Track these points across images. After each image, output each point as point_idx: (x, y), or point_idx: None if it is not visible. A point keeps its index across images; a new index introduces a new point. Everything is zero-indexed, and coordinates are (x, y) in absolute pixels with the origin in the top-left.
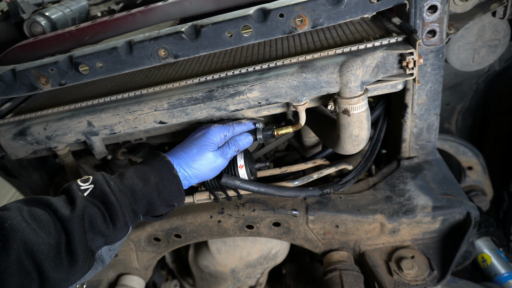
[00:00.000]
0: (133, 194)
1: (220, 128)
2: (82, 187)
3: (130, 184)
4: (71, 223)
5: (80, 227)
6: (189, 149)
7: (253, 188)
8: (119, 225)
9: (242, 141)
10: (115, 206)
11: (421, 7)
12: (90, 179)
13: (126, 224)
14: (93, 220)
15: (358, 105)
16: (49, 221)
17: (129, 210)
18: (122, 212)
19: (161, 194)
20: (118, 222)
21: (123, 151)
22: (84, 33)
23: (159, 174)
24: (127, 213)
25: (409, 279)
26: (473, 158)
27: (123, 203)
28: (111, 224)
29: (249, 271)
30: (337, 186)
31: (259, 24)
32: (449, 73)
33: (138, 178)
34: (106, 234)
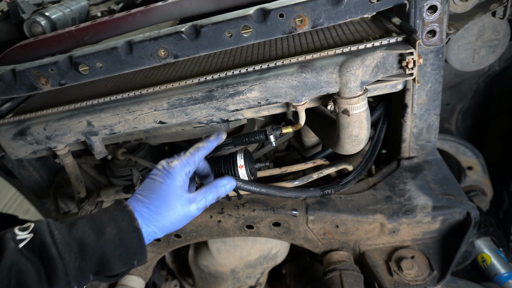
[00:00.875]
0: (82, 248)
1: (181, 165)
2: (19, 236)
3: (79, 236)
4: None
5: (2, 286)
6: (151, 201)
7: (254, 189)
8: (58, 285)
9: (223, 187)
10: (55, 261)
11: (421, 7)
12: (30, 227)
13: (68, 284)
14: (22, 279)
15: (357, 105)
16: None
17: (73, 267)
18: (63, 270)
19: (117, 249)
20: (56, 281)
21: (123, 151)
22: (84, 33)
23: (117, 226)
24: (70, 271)
25: (409, 279)
26: (473, 158)
27: (66, 259)
28: (47, 283)
29: (249, 271)
30: (337, 187)
31: (259, 24)
32: (449, 73)
33: (91, 229)
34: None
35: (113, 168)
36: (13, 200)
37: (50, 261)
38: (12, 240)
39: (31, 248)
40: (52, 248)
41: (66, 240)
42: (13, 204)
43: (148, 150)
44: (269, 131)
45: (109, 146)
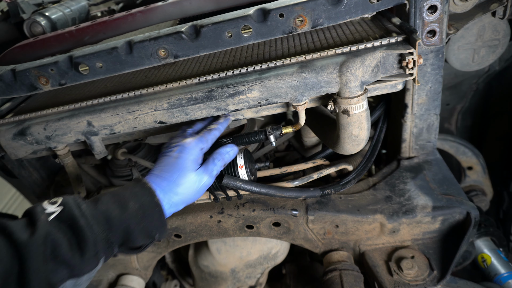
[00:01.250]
0: (108, 221)
1: (196, 142)
2: (48, 210)
3: (105, 209)
4: (28, 249)
5: (39, 254)
6: (169, 174)
7: (254, 189)
8: (88, 254)
9: (228, 154)
10: (84, 231)
11: (421, 7)
12: (58, 201)
13: (96, 255)
14: (56, 248)
15: (357, 105)
16: (0, 246)
17: (101, 238)
18: (92, 240)
19: (140, 222)
20: (87, 250)
21: (123, 151)
22: (84, 33)
23: (139, 201)
24: (99, 242)
25: (409, 279)
26: (473, 158)
27: (95, 229)
28: (79, 252)
29: (249, 271)
30: (338, 187)
31: (259, 24)
32: (449, 73)
33: (115, 203)
34: (71, 264)
35: (113, 168)
36: (13, 200)
37: (80, 231)
38: (42, 213)
39: (61, 220)
40: (81, 219)
41: (93, 213)
42: (13, 204)
43: (148, 150)
44: (269, 131)
45: (109, 146)
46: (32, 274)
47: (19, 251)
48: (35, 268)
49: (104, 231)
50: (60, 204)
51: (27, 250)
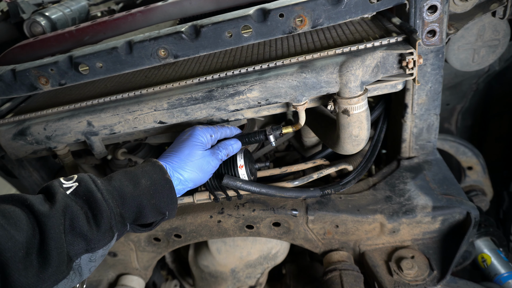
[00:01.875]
0: (122, 196)
1: (206, 129)
2: (65, 185)
3: (118, 185)
4: (49, 219)
5: (59, 225)
6: (180, 151)
7: (254, 189)
8: (104, 227)
9: (232, 146)
10: (100, 204)
11: (421, 7)
12: (74, 178)
13: (111, 228)
14: (74, 220)
15: (357, 105)
16: (21, 217)
17: (116, 213)
18: (108, 213)
19: (152, 199)
20: (102, 223)
21: (123, 151)
22: (84, 33)
23: (150, 178)
24: (113, 216)
25: (409, 279)
26: (473, 158)
27: (110, 204)
28: (95, 225)
29: (249, 271)
30: (337, 187)
31: (259, 24)
32: (449, 73)
33: (127, 180)
34: (88, 237)
35: (113, 168)
36: None
37: (96, 204)
38: (60, 187)
39: (78, 195)
40: (98, 193)
41: (108, 189)
42: None
43: (148, 150)
44: (269, 131)
45: (109, 146)
46: (52, 245)
47: (40, 222)
48: (55, 239)
49: (118, 206)
50: (76, 180)
51: (48, 220)
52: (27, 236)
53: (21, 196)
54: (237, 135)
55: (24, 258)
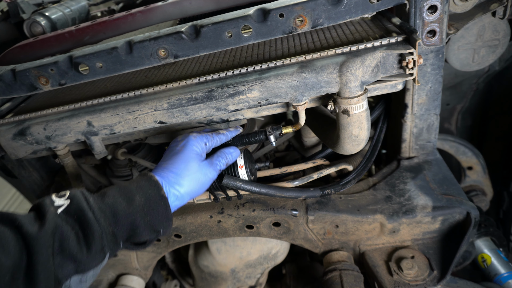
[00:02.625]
0: (115, 214)
1: (200, 137)
2: (56, 202)
3: (112, 202)
4: (37, 242)
5: (47, 247)
6: (176, 164)
7: (254, 189)
8: (95, 248)
9: (231, 154)
10: (92, 225)
11: (421, 7)
12: (66, 194)
13: (102, 249)
14: (64, 241)
15: (357, 105)
16: (9, 238)
17: (108, 232)
18: (99, 234)
19: (146, 217)
20: (93, 244)
21: (123, 151)
22: (84, 33)
23: (145, 194)
24: (105, 236)
25: (409, 279)
26: (473, 158)
27: (102, 223)
28: (85, 246)
29: (249, 271)
30: (337, 187)
31: (259, 24)
32: (449, 73)
33: (121, 196)
34: (78, 258)
35: (113, 168)
36: (13, 200)
37: (87, 224)
38: (51, 205)
39: (69, 213)
40: (89, 212)
41: (100, 206)
42: (13, 204)
43: (148, 150)
44: (269, 131)
45: (109, 146)
46: (39, 269)
47: (28, 244)
48: (43, 262)
49: (110, 225)
50: (68, 197)
51: (36, 243)
52: (14, 260)
53: (11, 216)
54: (237, 135)
55: (10, 282)
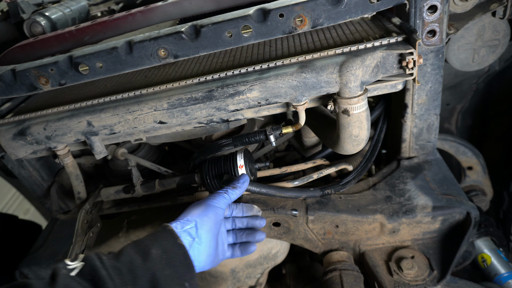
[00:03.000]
0: (132, 272)
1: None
2: (70, 266)
3: (127, 260)
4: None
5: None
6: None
7: (254, 189)
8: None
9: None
10: (105, 282)
11: (421, 7)
12: (80, 258)
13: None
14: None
15: (357, 105)
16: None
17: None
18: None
19: (165, 269)
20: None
21: (123, 151)
22: (84, 33)
23: (161, 246)
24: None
25: (409, 279)
26: (473, 158)
27: (116, 280)
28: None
29: (249, 271)
30: (338, 187)
31: (259, 24)
32: (449, 73)
33: (137, 253)
34: None
35: (113, 168)
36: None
37: (101, 282)
38: (64, 268)
39: (83, 275)
40: (102, 270)
41: (115, 265)
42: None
43: (148, 150)
44: (269, 131)
45: (109, 146)
46: None
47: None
48: None
49: (126, 282)
50: (82, 260)
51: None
52: None
53: (26, 282)
54: (236, 136)
55: None
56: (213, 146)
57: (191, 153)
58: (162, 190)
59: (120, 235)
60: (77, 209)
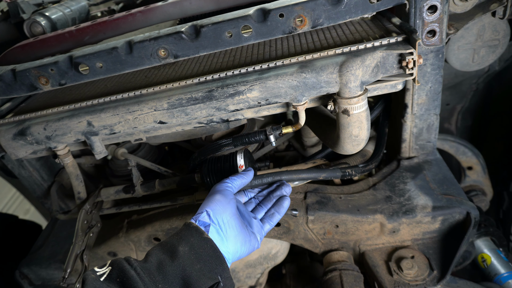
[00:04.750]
0: (161, 271)
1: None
2: (99, 272)
3: (155, 260)
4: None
5: None
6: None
7: (268, 179)
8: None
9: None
10: (135, 282)
11: (421, 7)
12: (107, 263)
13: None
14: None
15: (357, 105)
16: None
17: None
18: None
19: (195, 264)
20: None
21: (123, 151)
22: (84, 33)
23: (187, 243)
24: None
25: (409, 279)
26: (473, 158)
27: (146, 281)
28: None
29: (249, 271)
30: (358, 169)
31: (259, 24)
32: (449, 73)
33: (164, 253)
34: None
35: (113, 168)
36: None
37: (131, 282)
38: (92, 274)
39: (111, 279)
40: (131, 271)
41: (144, 266)
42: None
43: (148, 150)
44: (269, 131)
45: (109, 146)
46: None
47: None
48: None
49: (157, 282)
50: (109, 265)
51: None
52: None
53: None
54: (236, 136)
55: None
56: (213, 146)
57: (191, 153)
58: (162, 190)
59: (120, 235)
60: (77, 209)
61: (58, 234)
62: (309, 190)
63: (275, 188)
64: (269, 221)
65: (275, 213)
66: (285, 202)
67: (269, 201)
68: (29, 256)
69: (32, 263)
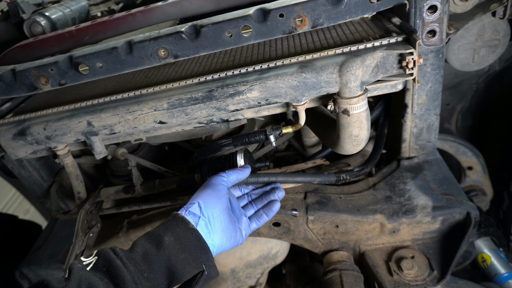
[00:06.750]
0: (146, 260)
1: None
2: (85, 262)
3: (141, 250)
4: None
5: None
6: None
7: (262, 179)
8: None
9: None
10: (121, 271)
11: (421, 7)
12: (93, 253)
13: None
14: None
15: (357, 105)
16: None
17: (142, 278)
18: (131, 279)
19: (179, 254)
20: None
21: (123, 151)
22: (84, 33)
23: (173, 233)
24: (139, 282)
25: (409, 279)
26: (473, 158)
27: (132, 270)
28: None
29: (249, 271)
30: (353, 173)
31: (259, 24)
32: (449, 73)
33: (150, 243)
34: None
35: (113, 168)
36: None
37: (117, 271)
38: (79, 263)
39: (98, 268)
40: (117, 260)
41: (129, 255)
42: (13, 204)
43: (148, 150)
44: (269, 131)
45: (109, 146)
46: None
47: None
48: None
49: (143, 270)
50: (95, 254)
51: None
52: None
53: (43, 279)
54: (236, 136)
55: None
56: (213, 146)
57: (191, 153)
58: (162, 190)
59: (120, 235)
60: (77, 209)
61: (58, 234)
62: (309, 190)
63: (269, 190)
64: (257, 220)
65: (263, 214)
66: (275, 206)
67: (260, 202)
68: (29, 256)
69: (32, 263)
